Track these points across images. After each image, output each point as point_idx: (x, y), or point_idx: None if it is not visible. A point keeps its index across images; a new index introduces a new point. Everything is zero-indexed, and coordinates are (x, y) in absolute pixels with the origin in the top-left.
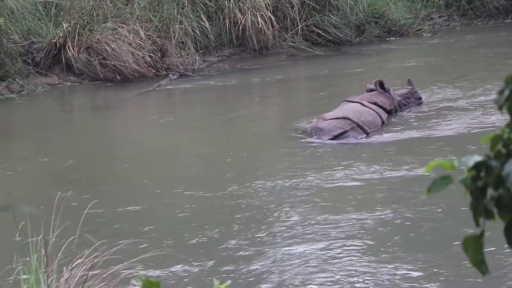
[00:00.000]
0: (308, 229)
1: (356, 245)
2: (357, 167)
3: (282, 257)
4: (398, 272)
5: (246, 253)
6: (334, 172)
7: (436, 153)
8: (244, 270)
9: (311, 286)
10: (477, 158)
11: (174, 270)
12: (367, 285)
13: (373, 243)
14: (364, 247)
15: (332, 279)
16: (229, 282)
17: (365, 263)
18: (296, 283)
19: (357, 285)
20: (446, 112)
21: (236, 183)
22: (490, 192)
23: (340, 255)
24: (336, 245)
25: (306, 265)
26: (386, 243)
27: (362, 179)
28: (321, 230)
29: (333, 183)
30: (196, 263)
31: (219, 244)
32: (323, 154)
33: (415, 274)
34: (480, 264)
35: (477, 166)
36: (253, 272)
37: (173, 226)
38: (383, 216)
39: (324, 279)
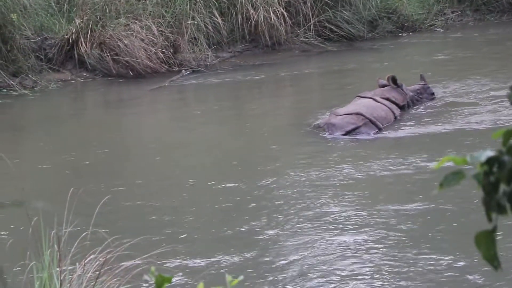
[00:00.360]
0: (345, 219)
1: (395, 235)
2: (379, 160)
3: (320, 248)
4: (440, 262)
5: (286, 243)
6: (357, 165)
7: (450, 147)
8: (283, 260)
9: (352, 274)
10: (490, 153)
11: (214, 261)
12: (409, 275)
13: (412, 233)
14: (404, 237)
15: (373, 268)
16: (241, 277)
17: (405, 253)
18: (337, 273)
19: (398, 274)
20: (459, 107)
21: (261, 176)
22: (503, 187)
23: (380, 245)
24: (376, 235)
25: (346, 255)
26: (426, 233)
27: (389, 172)
28: (358, 220)
29: (360, 176)
30: (235, 254)
31: (254, 235)
32: (342, 148)
33: (457, 264)
34: (492, 259)
35: (490, 161)
36: (294, 262)
37: (205, 218)
38: (420, 207)
39: (365, 268)
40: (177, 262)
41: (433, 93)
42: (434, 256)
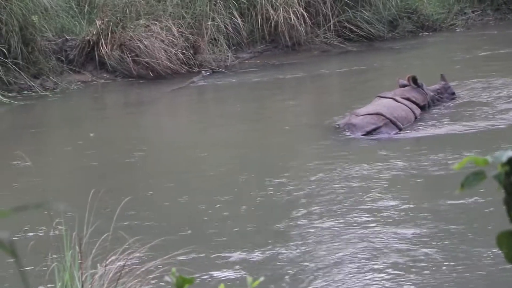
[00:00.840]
0: (392, 214)
1: (446, 230)
2: (402, 160)
3: (375, 241)
4: (500, 255)
5: (340, 236)
6: (382, 165)
7: (471, 147)
8: (338, 252)
9: (405, 266)
10: (511, 153)
11: (272, 254)
12: (463, 269)
13: (462, 228)
14: (455, 231)
15: (427, 261)
16: (262, 278)
17: (460, 247)
18: (384, 268)
19: (449, 267)
20: (480, 107)
21: (291, 174)
22: None
23: (432, 239)
24: (428, 229)
25: (397, 248)
26: (481, 227)
27: (413, 171)
28: (408, 215)
29: (387, 174)
30: (290, 247)
31: (293, 230)
32: (364, 148)
33: None
34: None
35: (511, 162)
36: (346, 255)
37: (238, 216)
38: (467, 203)
39: (417, 261)
40: (201, 261)
41: (453, 93)
42: (495, 250)
